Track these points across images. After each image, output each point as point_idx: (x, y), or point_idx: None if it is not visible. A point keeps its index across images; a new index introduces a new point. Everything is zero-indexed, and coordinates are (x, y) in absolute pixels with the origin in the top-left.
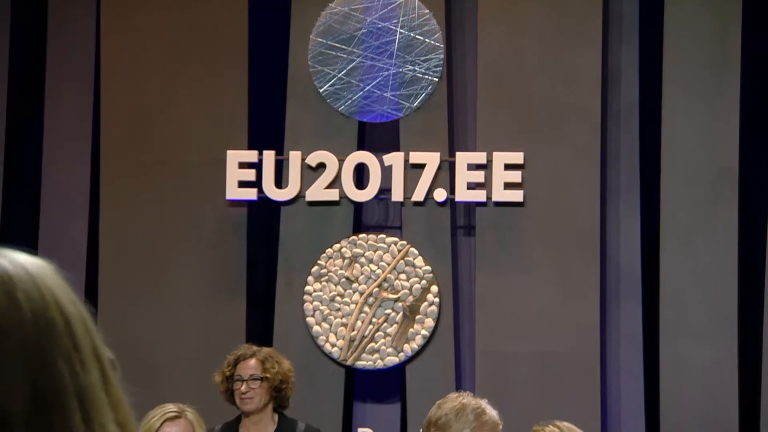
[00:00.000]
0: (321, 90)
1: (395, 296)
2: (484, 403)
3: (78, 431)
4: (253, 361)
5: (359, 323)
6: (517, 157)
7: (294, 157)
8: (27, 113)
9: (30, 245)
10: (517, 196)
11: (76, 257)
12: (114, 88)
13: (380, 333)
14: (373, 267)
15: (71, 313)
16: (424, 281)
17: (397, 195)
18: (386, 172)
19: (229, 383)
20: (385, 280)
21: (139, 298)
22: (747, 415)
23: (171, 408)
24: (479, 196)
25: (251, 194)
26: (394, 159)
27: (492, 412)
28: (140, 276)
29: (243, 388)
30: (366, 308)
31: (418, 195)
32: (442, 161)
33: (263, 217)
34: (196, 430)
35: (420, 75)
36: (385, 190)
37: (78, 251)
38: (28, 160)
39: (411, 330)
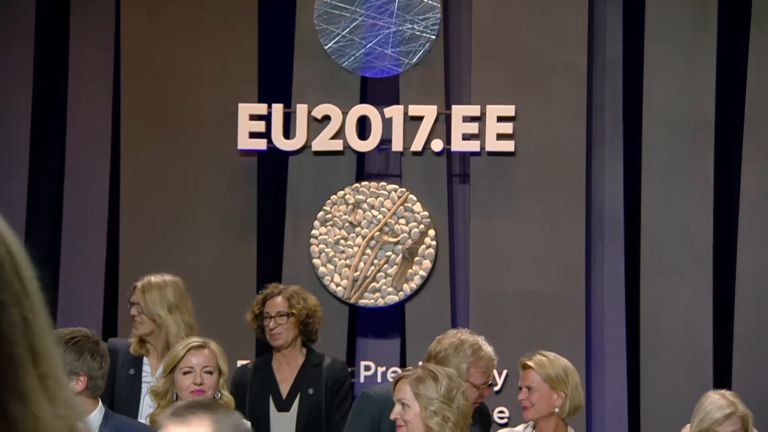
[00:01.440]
0: (326, 47)
1: (395, 239)
2: (481, 340)
3: (33, 390)
4: (279, 299)
5: (362, 264)
6: (509, 110)
7: (301, 110)
8: (53, 67)
9: (56, 188)
10: (508, 146)
11: (99, 202)
12: (133, 44)
13: (381, 274)
14: (375, 212)
15: (16, 251)
16: (422, 226)
17: (396, 145)
18: (387, 123)
19: (258, 321)
20: (385, 224)
21: (156, 240)
22: (720, 348)
23: (195, 339)
24: (473, 146)
25: (261, 144)
26: (394, 112)
27: (488, 348)
28: (158, 220)
29: (271, 324)
30: (368, 251)
31: (417, 145)
32: (438, 114)
33: (272, 165)
34: (219, 361)
35: (418, 33)
36: (385, 140)
37: (100, 197)
38: (54, 110)
39: (410, 271)
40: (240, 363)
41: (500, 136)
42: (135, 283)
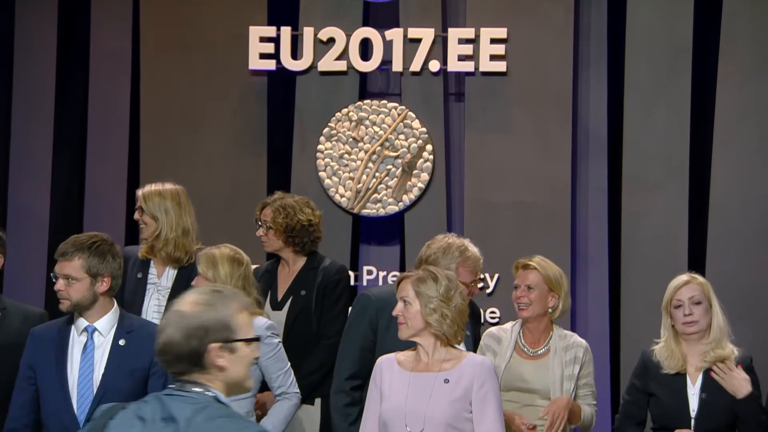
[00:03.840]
0: None
1: (395, 154)
2: (467, 242)
3: None
4: (268, 210)
5: (364, 177)
6: (501, 33)
7: (307, 33)
8: None
9: (81, 109)
10: (501, 66)
11: (121, 118)
12: None
13: (382, 185)
14: (376, 129)
15: None
16: (420, 141)
17: (397, 66)
18: (387, 45)
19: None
20: (386, 140)
21: (174, 155)
22: (694, 255)
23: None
24: (468, 66)
25: (270, 65)
26: (395, 34)
27: (474, 249)
28: (175, 137)
29: (258, 232)
30: (370, 164)
31: (415, 66)
32: (436, 36)
33: (281, 85)
34: (204, 266)
35: None
36: (386, 61)
37: (122, 116)
38: (77, 35)
39: (409, 183)
40: (253, 267)
41: (493, 57)
42: (138, 190)
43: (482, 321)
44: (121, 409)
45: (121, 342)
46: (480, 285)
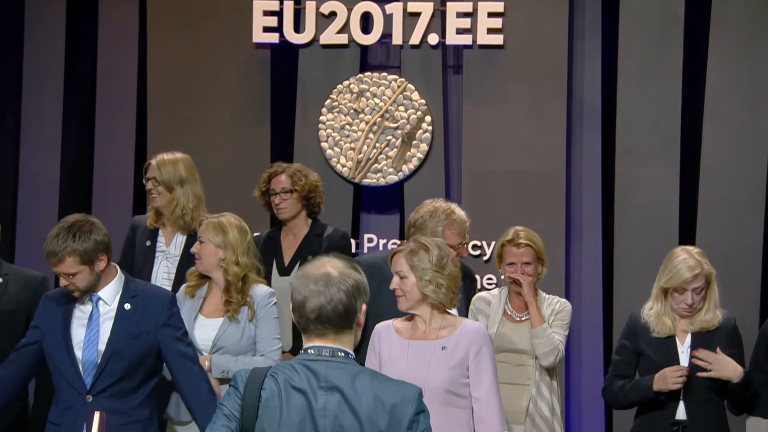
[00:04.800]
0: None
1: (395, 125)
2: (453, 206)
3: None
4: (283, 177)
5: (365, 148)
6: (498, 6)
7: (310, 6)
8: None
9: (90, 80)
10: (498, 39)
11: (128, 89)
12: None
13: (382, 156)
14: (377, 100)
15: None
16: (419, 112)
17: (396, 39)
18: (388, 19)
19: (266, 197)
20: (386, 111)
21: (180, 127)
22: (686, 223)
23: (206, 217)
24: (466, 39)
25: (274, 38)
26: (395, 8)
27: (460, 212)
28: (181, 108)
29: (276, 200)
30: (371, 135)
31: (415, 39)
32: (434, 10)
33: (284, 57)
34: (211, 234)
35: None
36: (386, 35)
37: (129, 84)
38: (86, 9)
39: (408, 153)
40: (255, 235)
41: (490, 31)
42: (149, 161)
43: (479, 287)
44: (263, 377)
45: (127, 306)
46: (470, 247)
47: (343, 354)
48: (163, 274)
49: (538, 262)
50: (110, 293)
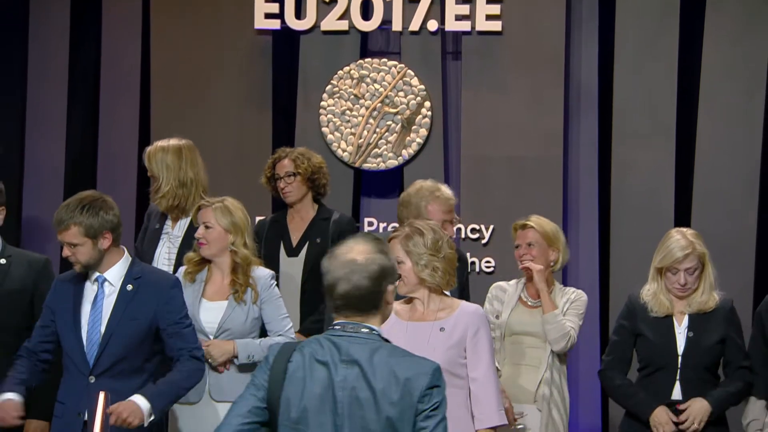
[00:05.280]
0: None
1: (395, 110)
2: (440, 185)
3: None
4: (287, 161)
5: (365, 133)
6: None
7: None
8: None
9: (94, 66)
10: (496, 26)
11: (132, 76)
12: None
13: (382, 140)
14: (377, 86)
15: None
16: (419, 98)
17: (396, 25)
18: (387, 6)
19: (272, 182)
20: (386, 97)
21: (183, 112)
22: (681, 206)
23: (204, 200)
24: (465, 26)
25: (275, 24)
26: None
27: (446, 190)
28: (184, 94)
29: (281, 184)
30: (371, 120)
31: (414, 25)
32: None
33: (285, 43)
34: (218, 217)
35: None
36: (386, 21)
37: (133, 70)
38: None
39: (408, 138)
40: (258, 218)
41: (489, 17)
42: (147, 148)
43: (477, 270)
44: (292, 350)
45: (129, 287)
46: (469, 231)
47: (367, 330)
48: (164, 255)
49: (549, 248)
50: (115, 275)
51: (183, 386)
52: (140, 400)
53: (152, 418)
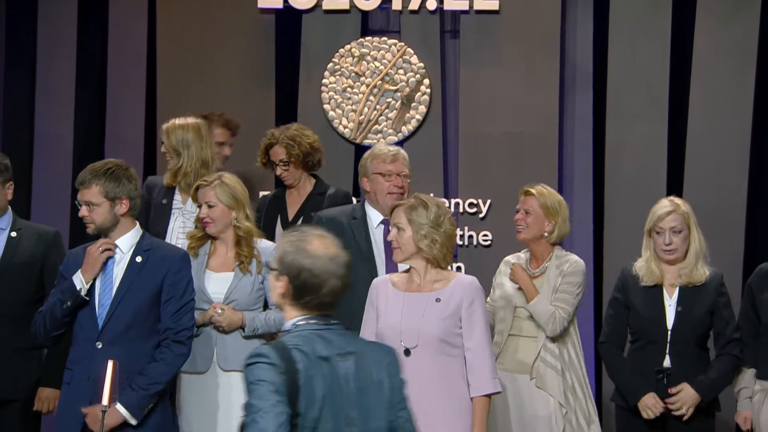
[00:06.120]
0: None
1: (395, 88)
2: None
3: None
4: (279, 148)
5: (366, 110)
6: None
7: None
8: None
9: (101, 43)
10: (493, 5)
11: (139, 54)
12: None
13: (383, 117)
14: (377, 64)
15: None
16: (418, 75)
17: (396, 5)
18: None
19: (268, 167)
20: (386, 74)
21: (188, 88)
22: (673, 182)
23: (204, 179)
24: (463, 5)
25: (278, 3)
26: None
27: (385, 146)
28: (189, 73)
29: (278, 171)
30: (371, 97)
31: (414, 5)
32: None
33: (288, 22)
34: (219, 194)
35: None
36: (386, 0)
37: (140, 48)
38: None
39: (407, 115)
40: (261, 194)
41: None
42: (164, 125)
43: (474, 243)
44: (288, 350)
45: (138, 259)
46: (466, 205)
47: (335, 322)
48: (179, 229)
49: (545, 218)
50: (126, 244)
51: (162, 381)
52: (122, 410)
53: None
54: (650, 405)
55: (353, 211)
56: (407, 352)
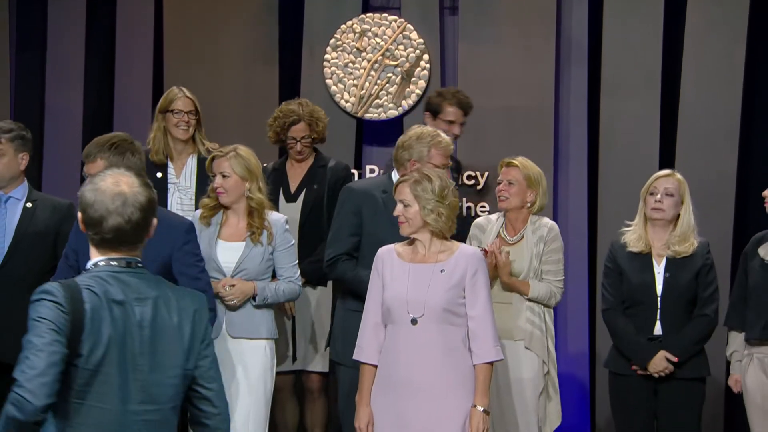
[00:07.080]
0: None
1: (395, 63)
2: (439, 131)
3: None
4: (301, 125)
5: (367, 84)
6: None
7: None
8: None
9: (110, 19)
10: None
11: (146, 29)
12: None
13: (383, 92)
14: (378, 40)
15: None
16: (418, 51)
17: None
18: None
19: (282, 140)
20: (387, 50)
21: (194, 64)
22: (666, 155)
23: (219, 149)
24: None
25: None
26: None
27: (445, 137)
28: (195, 49)
29: (298, 147)
30: (372, 72)
31: None
32: None
33: (291, 0)
34: (233, 165)
35: None
36: None
37: (147, 25)
38: None
39: (407, 90)
40: (264, 165)
41: None
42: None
43: (473, 214)
44: (79, 290)
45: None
46: (465, 177)
47: (140, 265)
48: (176, 205)
49: (528, 189)
50: None
51: None
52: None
53: None
54: (661, 369)
55: (383, 185)
56: (414, 321)
